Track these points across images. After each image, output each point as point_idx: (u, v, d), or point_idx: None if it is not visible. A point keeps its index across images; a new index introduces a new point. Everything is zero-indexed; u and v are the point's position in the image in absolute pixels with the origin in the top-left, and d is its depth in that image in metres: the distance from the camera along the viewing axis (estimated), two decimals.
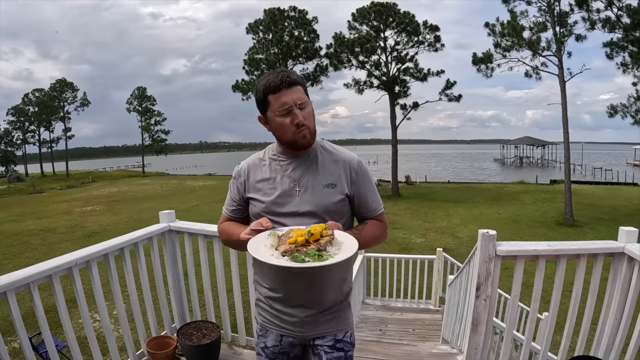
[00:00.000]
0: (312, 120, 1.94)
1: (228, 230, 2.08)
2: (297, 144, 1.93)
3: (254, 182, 2.01)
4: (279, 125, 1.90)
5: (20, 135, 62.09)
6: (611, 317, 2.81)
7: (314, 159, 2.01)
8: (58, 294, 2.70)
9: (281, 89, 1.84)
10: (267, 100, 1.88)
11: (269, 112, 1.90)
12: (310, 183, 1.95)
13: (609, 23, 19.53)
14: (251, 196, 2.01)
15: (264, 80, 1.89)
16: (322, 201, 1.93)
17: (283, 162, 2.01)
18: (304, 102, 1.89)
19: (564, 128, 20.57)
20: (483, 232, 2.83)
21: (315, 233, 1.69)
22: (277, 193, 1.95)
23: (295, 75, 1.91)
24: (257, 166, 2.05)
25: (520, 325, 6.44)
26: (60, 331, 4.57)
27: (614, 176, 41.85)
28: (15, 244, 16.01)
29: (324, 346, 2.02)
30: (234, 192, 2.09)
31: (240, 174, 2.07)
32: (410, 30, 30.64)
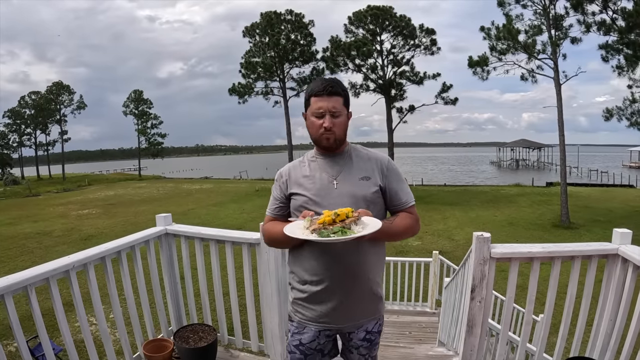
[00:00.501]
0: (341, 129, 2.17)
1: (272, 228, 2.26)
2: (321, 144, 2.19)
3: (296, 180, 2.23)
4: (311, 124, 2.18)
5: (16, 137, 61.87)
6: (606, 318, 2.83)
7: (349, 158, 2.25)
8: (55, 297, 2.70)
9: (321, 95, 2.11)
10: (309, 101, 2.16)
11: (308, 111, 2.18)
12: (347, 177, 2.19)
13: (604, 26, 19.59)
14: (293, 191, 2.22)
15: (313, 84, 2.18)
16: (359, 191, 2.15)
17: (321, 162, 2.25)
18: (338, 111, 2.13)
19: (559, 131, 20.62)
20: (477, 234, 2.85)
21: (341, 214, 1.86)
22: (318, 186, 2.17)
23: (340, 87, 2.15)
24: (297, 167, 2.29)
25: (517, 327, 6.46)
26: (56, 335, 4.57)
27: (610, 178, 41.95)
28: (11, 247, 15.96)
29: (356, 341, 2.27)
30: (277, 191, 2.31)
31: (282, 175, 2.31)
32: (407, 33, 30.77)
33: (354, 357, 2.34)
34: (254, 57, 36.68)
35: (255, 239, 3.40)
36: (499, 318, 6.14)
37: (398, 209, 2.27)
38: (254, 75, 36.22)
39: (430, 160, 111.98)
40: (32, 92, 61.39)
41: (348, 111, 2.22)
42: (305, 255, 2.19)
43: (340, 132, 2.17)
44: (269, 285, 3.44)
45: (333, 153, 2.25)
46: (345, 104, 2.19)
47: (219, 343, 3.80)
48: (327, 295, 2.15)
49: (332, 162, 2.24)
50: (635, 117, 20.64)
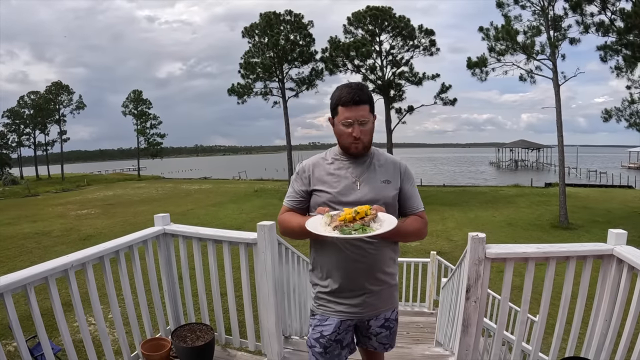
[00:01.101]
0: (368, 136, 2.24)
1: (289, 219, 2.32)
2: (350, 151, 2.26)
3: (319, 177, 2.30)
4: (340, 132, 2.23)
5: (15, 137, 61.83)
6: (601, 319, 2.84)
7: (371, 161, 2.33)
8: (54, 297, 2.71)
9: (349, 105, 2.15)
10: (337, 110, 2.21)
11: (336, 119, 2.23)
12: (370, 179, 2.27)
13: (602, 27, 19.62)
14: (317, 188, 2.29)
15: (339, 91, 2.21)
16: (380, 194, 2.23)
17: (345, 162, 2.31)
18: (366, 120, 2.19)
19: (558, 131, 20.66)
20: (473, 235, 2.87)
21: (361, 212, 1.96)
22: (342, 185, 2.24)
23: (366, 94, 2.19)
24: (320, 164, 2.34)
25: (513, 327, 6.48)
26: (55, 335, 4.59)
27: (608, 179, 41.98)
28: (10, 247, 15.97)
29: (375, 327, 2.39)
30: (298, 185, 2.35)
31: (305, 169, 2.36)
32: (406, 34, 30.82)
33: (374, 343, 2.45)
34: (253, 58, 36.68)
35: (252, 239, 3.41)
36: (496, 318, 6.16)
37: (409, 213, 2.36)
38: (253, 76, 36.22)
39: (429, 160, 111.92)
40: (31, 92, 61.36)
41: (374, 116, 2.27)
42: (328, 250, 2.28)
43: (368, 140, 2.25)
44: (265, 285, 3.46)
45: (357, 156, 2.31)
46: (372, 110, 2.23)
47: (216, 342, 3.81)
48: (350, 288, 2.27)
49: (356, 163, 2.31)
50: (634, 118, 20.65)
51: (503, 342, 3.88)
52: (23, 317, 2.70)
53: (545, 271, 2.88)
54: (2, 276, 2.48)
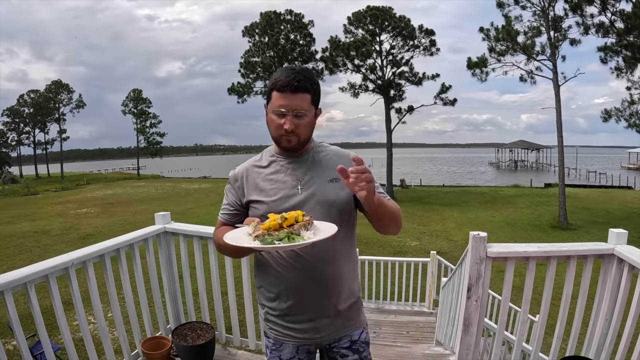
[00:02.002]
0: (305, 130, 1.89)
1: (220, 235, 1.90)
2: (280, 144, 1.92)
3: (254, 184, 1.96)
4: (270, 121, 1.88)
5: (15, 136, 61.90)
6: (601, 318, 2.84)
7: (314, 157, 1.98)
8: (54, 295, 2.72)
9: (285, 91, 1.80)
10: (271, 95, 1.86)
11: (269, 105, 1.87)
12: (314, 179, 1.92)
13: (602, 28, 19.64)
14: (252, 199, 1.95)
15: (277, 73, 1.85)
16: (328, 195, 1.90)
17: (283, 162, 1.97)
18: (303, 112, 1.83)
19: (558, 132, 20.68)
20: (474, 234, 2.87)
21: (289, 217, 1.64)
22: (281, 192, 1.91)
23: (308, 81, 1.83)
24: (254, 168, 2.00)
25: (514, 327, 6.48)
26: (55, 333, 4.58)
27: (608, 180, 41.97)
28: (10, 246, 15.96)
29: (340, 349, 2.03)
30: (231, 196, 2.03)
31: (237, 177, 2.02)
32: (406, 34, 30.78)
33: None
34: (253, 57, 36.64)
35: None
36: (496, 318, 6.16)
37: None
38: (253, 75, 36.19)
39: (428, 161, 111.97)
40: (31, 91, 61.47)
41: (317, 109, 1.94)
42: (271, 267, 1.97)
43: (304, 134, 1.91)
44: None
45: (296, 152, 1.98)
46: (314, 102, 1.89)
47: (216, 341, 3.82)
48: (300, 310, 1.96)
49: (296, 162, 1.98)
50: (633, 119, 20.67)
51: (503, 342, 3.88)
52: (22, 315, 2.70)
53: (546, 270, 2.88)
54: (2, 274, 2.48)
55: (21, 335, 2.54)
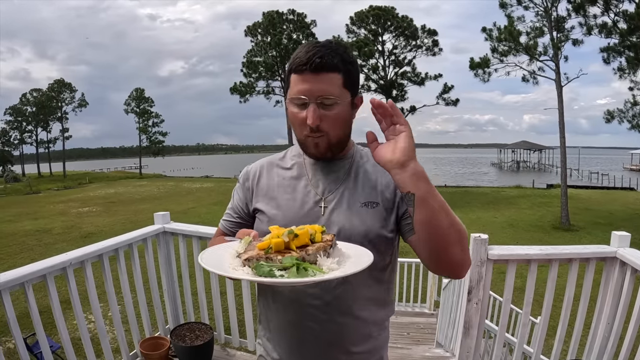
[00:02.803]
0: (336, 126, 1.36)
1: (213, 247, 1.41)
2: (306, 149, 1.42)
3: (266, 189, 1.49)
4: (292, 117, 1.37)
5: (17, 135, 62.07)
6: (603, 321, 2.83)
7: (352, 167, 1.47)
8: (52, 294, 2.70)
9: (303, 71, 1.29)
10: (289, 80, 1.36)
11: (288, 94, 1.37)
12: (343, 198, 1.41)
13: (605, 28, 19.61)
14: (259, 207, 1.48)
15: (297, 51, 1.35)
16: (356, 226, 1.37)
17: (309, 167, 1.49)
18: (332, 98, 1.30)
19: (560, 132, 20.64)
20: (475, 236, 2.85)
21: (302, 235, 1.12)
22: (296, 206, 1.42)
23: (337, 56, 1.31)
24: (273, 169, 1.53)
25: (515, 329, 6.46)
26: (54, 332, 4.58)
27: (610, 181, 41.87)
28: (11, 244, 15.97)
29: None
30: (238, 198, 1.57)
31: (248, 176, 1.56)
32: (409, 34, 30.82)
33: None
34: (255, 57, 36.71)
35: None
36: (497, 319, 6.14)
37: None
38: (255, 75, 36.26)
39: (431, 161, 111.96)
40: (33, 90, 61.64)
41: (354, 96, 1.38)
42: (271, 306, 1.54)
43: (336, 132, 1.37)
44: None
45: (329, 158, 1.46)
46: (348, 85, 1.34)
47: (215, 342, 3.80)
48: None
49: (325, 171, 1.46)
50: (636, 120, 20.63)
51: (504, 343, 3.86)
52: (23, 314, 2.69)
53: (548, 273, 2.86)
54: (0, 274, 2.47)
55: (18, 334, 2.53)
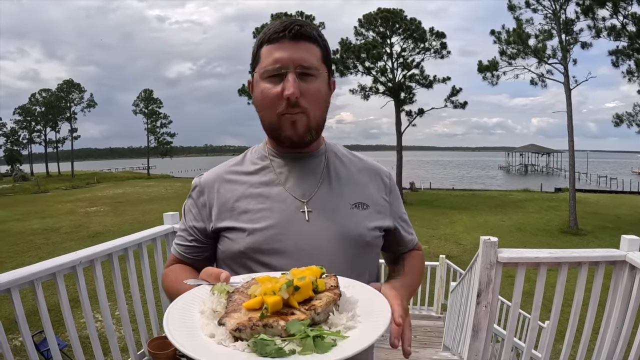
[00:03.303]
0: (316, 104, 1.20)
1: (170, 279, 1.26)
2: (280, 132, 1.21)
3: (230, 202, 1.25)
4: (262, 95, 1.19)
5: (26, 134, 62.54)
6: (612, 326, 2.81)
7: (329, 166, 1.32)
8: (62, 292, 2.71)
9: (280, 39, 1.16)
10: (259, 55, 1.20)
11: (256, 71, 1.21)
12: (329, 201, 1.25)
13: (614, 31, 19.56)
14: (226, 225, 1.23)
15: (265, 28, 1.22)
16: (352, 229, 1.22)
17: (279, 169, 1.28)
18: (313, 68, 1.17)
19: (569, 136, 20.57)
20: (484, 238, 2.84)
21: (304, 287, 0.89)
22: (275, 217, 1.20)
23: (315, 30, 1.21)
24: (232, 177, 1.29)
25: (522, 334, 6.44)
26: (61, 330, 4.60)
27: (619, 185, 41.68)
28: (19, 243, 16.08)
29: None
30: (190, 219, 1.31)
31: (202, 190, 1.30)
32: (417, 36, 30.73)
33: None
34: None
35: None
36: (504, 324, 6.12)
37: (405, 250, 1.47)
38: None
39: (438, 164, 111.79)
40: (42, 90, 62.14)
41: (330, 77, 1.28)
42: None
43: (315, 111, 1.20)
44: None
45: (301, 153, 1.29)
46: (326, 61, 1.24)
47: None
48: None
49: (300, 167, 1.28)
50: None
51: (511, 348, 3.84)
52: (30, 312, 2.70)
53: (557, 276, 2.85)
54: (9, 271, 2.48)
55: (27, 331, 2.54)
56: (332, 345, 0.78)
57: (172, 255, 1.37)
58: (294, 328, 0.80)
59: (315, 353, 0.76)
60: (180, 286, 1.09)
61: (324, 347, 0.78)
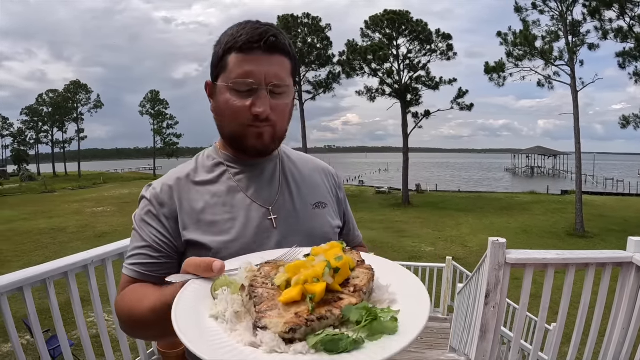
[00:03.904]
0: (284, 118, 1.22)
1: (135, 299, 1.09)
2: (246, 144, 1.19)
3: (194, 213, 1.18)
4: (226, 105, 1.16)
5: (33, 134, 62.89)
6: (619, 327, 2.81)
7: (285, 169, 1.33)
8: (73, 291, 2.74)
9: (253, 50, 1.11)
10: (226, 61, 1.15)
11: (221, 79, 1.17)
12: (292, 204, 1.26)
13: (621, 33, 19.50)
14: (193, 238, 1.16)
15: (231, 29, 1.17)
16: (317, 229, 1.25)
17: (238, 176, 1.25)
18: (284, 85, 1.15)
19: (575, 138, 20.52)
20: (493, 239, 2.85)
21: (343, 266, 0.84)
22: (240, 226, 1.17)
23: (286, 39, 1.17)
24: (190, 186, 1.23)
25: (528, 337, 6.44)
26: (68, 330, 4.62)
27: (625, 187, 41.53)
28: (26, 242, 16.16)
29: None
30: (153, 232, 1.17)
31: (162, 200, 1.20)
32: (423, 38, 30.72)
33: None
34: None
35: None
36: (511, 326, 6.12)
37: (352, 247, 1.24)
38: None
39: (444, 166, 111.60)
40: (50, 90, 62.51)
41: (295, 89, 1.28)
42: None
43: (282, 124, 1.22)
44: None
45: (256, 159, 1.28)
46: (294, 74, 1.22)
47: None
48: None
49: (257, 173, 1.27)
50: None
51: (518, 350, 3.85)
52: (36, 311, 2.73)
53: (564, 278, 2.86)
54: (22, 270, 2.50)
55: (38, 330, 2.56)
56: (396, 323, 0.74)
57: (127, 278, 1.17)
58: (354, 315, 0.74)
59: (388, 335, 0.72)
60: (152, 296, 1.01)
61: (390, 327, 0.73)
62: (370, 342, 0.71)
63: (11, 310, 2.36)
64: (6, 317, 2.34)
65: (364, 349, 0.70)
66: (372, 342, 0.71)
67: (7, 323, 2.35)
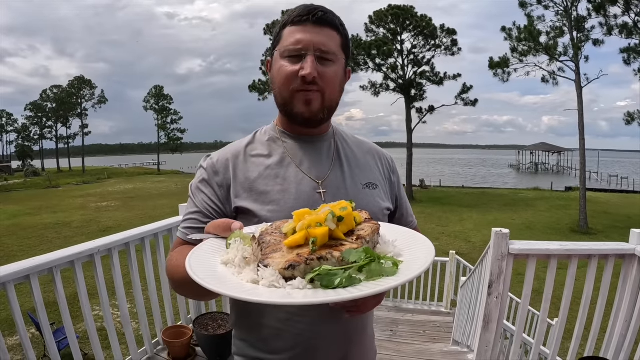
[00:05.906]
0: (332, 86, 1.23)
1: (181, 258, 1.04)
2: (293, 108, 1.23)
3: (248, 183, 1.24)
4: (278, 72, 1.22)
5: (37, 130, 63.07)
6: (621, 319, 2.83)
7: (339, 148, 1.36)
8: (80, 281, 2.76)
9: (304, 23, 1.19)
10: (281, 35, 1.24)
11: (277, 50, 1.24)
12: (343, 181, 1.29)
13: (626, 29, 19.41)
14: (244, 205, 1.21)
15: (289, 11, 1.25)
16: (364, 208, 1.13)
17: (292, 151, 1.30)
18: (332, 54, 1.21)
19: (580, 135, 20.46)
20: (496, 230, 2.87)
21: (347, 216, 0.89)
22: (292, 197, 1.21)
23: (337, 19, 1.25)
24: (246, 158, 1.29)
25: (530, 331, 6.46)
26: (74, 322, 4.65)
27: (630, 184, 41.38)
28: (31, 237, 16.21)
29: None
30: (204, 199, 1.25)
31: (216, 169, 1.27)
32: (427, 33, 30.61)
33: None
34: None
35: None
36: (513, 320, 6.13)
37: None
38: None
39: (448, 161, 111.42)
40: (54, 86, 62.71)
41: (347, 64, 1.31)
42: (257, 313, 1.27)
43: (332, 93, 1.24)
44: None
45: (312, 135, 1.33)
46: (345, 49, 1.27)
47: None
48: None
49: (311, 148, 1.32)
50: None
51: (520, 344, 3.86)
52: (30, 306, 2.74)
53: (567, 269, 2.87)
54: (29, 259, 2.52)
55: (46, 321, 2.59)
56: (396, 268, 0.78)
57: (179, 240, 1.26)
58: (353, 256, 0.78)
59: (385, 276, 0.76)
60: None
61: (389, 270, 0.77)
62: (369, 281, 0.75)
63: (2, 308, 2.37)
64: (12, 306, 2.36)
65: (359, 285, 0.74)
66: (371, 280, 0.75)
67: (14, 312, 2.37)
